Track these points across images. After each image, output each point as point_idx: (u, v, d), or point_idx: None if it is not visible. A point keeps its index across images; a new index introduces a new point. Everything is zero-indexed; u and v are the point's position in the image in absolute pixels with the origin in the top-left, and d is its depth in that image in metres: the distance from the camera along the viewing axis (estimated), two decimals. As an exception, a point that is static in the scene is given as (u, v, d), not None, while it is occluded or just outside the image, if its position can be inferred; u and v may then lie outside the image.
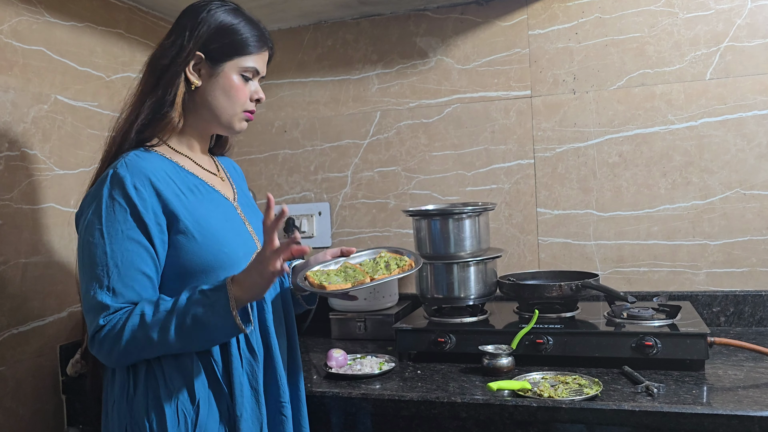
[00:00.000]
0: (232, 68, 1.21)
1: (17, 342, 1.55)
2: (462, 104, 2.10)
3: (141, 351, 1.08)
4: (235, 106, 1.23)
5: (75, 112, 1.74)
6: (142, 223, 1.10)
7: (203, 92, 1.22)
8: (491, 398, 1.36)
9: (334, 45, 2.23)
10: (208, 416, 1.12)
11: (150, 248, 1.11)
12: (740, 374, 1.43)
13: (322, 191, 2.27)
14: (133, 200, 1.10)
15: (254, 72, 1.24)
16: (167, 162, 1.20)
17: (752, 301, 1.83)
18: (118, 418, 1.14)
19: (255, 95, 1.25)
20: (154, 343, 1.07)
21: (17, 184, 1.56)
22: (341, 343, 1.89)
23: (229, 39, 1.21)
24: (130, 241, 1.09)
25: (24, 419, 1.56)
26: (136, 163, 1.14)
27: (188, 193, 1.18)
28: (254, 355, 1.18)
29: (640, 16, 1.92)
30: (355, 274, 1.26)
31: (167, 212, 1.13)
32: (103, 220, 1.09)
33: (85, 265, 1.10)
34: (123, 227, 1.09)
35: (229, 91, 1.22)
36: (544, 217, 2.03)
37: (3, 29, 1.54)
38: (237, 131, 1.27)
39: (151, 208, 1.11)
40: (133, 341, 1.07)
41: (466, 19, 2.09)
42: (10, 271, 1.53)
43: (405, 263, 1.29)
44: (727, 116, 1.86)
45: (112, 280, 1.08)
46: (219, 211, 1.22)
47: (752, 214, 1.85)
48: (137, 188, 1.11)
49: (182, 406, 1.11)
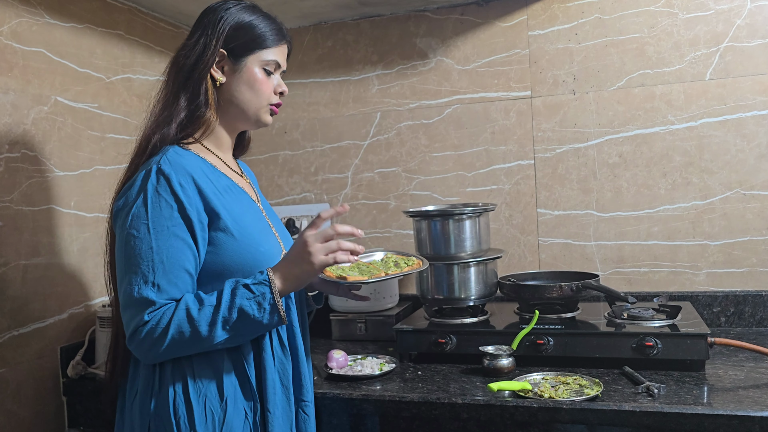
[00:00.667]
0: (253, 62, 1.24)
1: (18, 344, 1.55)
2: (462, 105, 2.10)
3: (185, 346, 1.09)
4: (261, 98, 1.25)
5: (75, 113, 1.74)
6: (187, 221, 1.11)
7: (228, 88, 1.24)
8: (492, 399, 1.36)
9: (334, 46, 2.23)
10: (234, 414, 1.13)
11: (193, 246, 1.12)
12: (741, 374, 1.43)
13: (323, 192, 2.27)
14: (179, 197, 1.11)
15: (275, 65, 1.26)
16: (202, 161, 1.21)
17: (752, 301, 1.83)
18: (140, 414, 1.14)
19: (279, 88, 1.27)
20: (202, 338, 1.08)
21: (17, 185, 1.56)
22: (342, 344, 1.89)
23: (248, 34, 1.24)
24: (175, 238, 1.10)
25: (25, 421, 1.56)
26: (177, 160, 1.14)
27: (224, 193, 1.20)
28: (285, 353, 1.20)
29: (640, 17, 1.92)
30: (370, 269, 1.27)
31: (209, 210, 1.14)
32: (149, 215, 1.09)
33: (128, 259, 1.10)
34: (169, 223, 1.10)
35: (254, 85, 1.24)
36: (544, 217, 2.03)
37: (3, 30, 1.54)
38: (265, 124, 1.29)
39: (194, 205, 1.12)
40: (179, 336, 1.07)
41: (466, 20, 2.09)
42: (11, 272, 1.53)
43: (413, 262, 1.31)
44: (726, 116, 1.86)
45: (157, 276, 1.08)
46: (250, 213, 1.23)
47: (752, 215, 1.85)
48: (182, 185, 1.12)
49: (210, 403, 1.12)
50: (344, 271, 1.27)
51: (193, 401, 1.10)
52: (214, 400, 1.12)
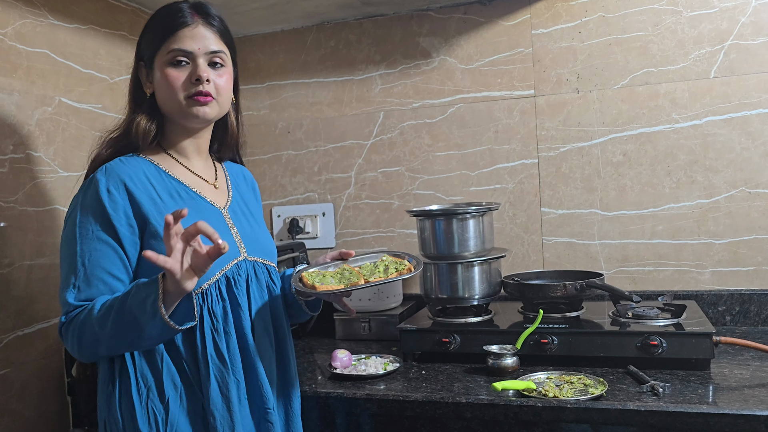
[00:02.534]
0: (160, 61, 1.20)
1: (22, 344, 1.55)
2: (465, 104, 2.10)
3: (93, 346, 1.11)
4: (175, 95, 1.18)
5: (79, 114, 1.74)
6: (110, 226, 1.12)
7: (156, 95, 1.23)
8: (496, 398, 1.36)
9: (337, 46, 2.23)
10: (179, 413, 1.13)
11: (119, 249, 1.13)
12: (746, 373, 1.43)
13: (326, 192, 2.27)
14: (103, 203, 1.13)
15: (183, 53, 1.18)
16: (152, 166, 1.22)
17: (758, 299, 1.83)
18: (100, 412, 1.18)
19: (193, 76, 1.18)
20: (100, 338, 1.08)
21: (22, 186, 1.56)
22: (345, 344, 1.89)
23: (150, 34, 1.23)
24: (98, 241, 1.12)
25: (29, 421, 1.57)
26: (115, 168, 1.17)
27: (166, 198, 1.19)
28: (224, 363, 1.16)
29: (644, 15, 1.92)
30: (350, 276, 1.26)
31: (138, 215, 1.15)
32: (78, 221, 1.13)
33: (61, 265, 1.16)
34: (93, 228, 1.13)
35: (163, 83, 1.19)
36: (548, 216, 2.03)
37: (7, 32, 1.55)
38: (194, 116, 1.20)
39: (122, 210, 1.14)
40: (85, 336, 1.09)
41: (469, 19, 2.09)
42: (15, 273, 1.54)
43: (404, 267, 1.29)
44: (731, 114, 1.85)
45: (78, 279, 1.12)
46: (199, 217, 1.17)
47: (757, 213, 1.84)
48: (110, 191, 1.14)
49: (152, 403, 1.12)
50: (324, 277, 1.25)
51: (135, 400, 1.12)
52: (155, 399, 1.13)
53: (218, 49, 1.21)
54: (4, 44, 1.54)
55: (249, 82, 2.32)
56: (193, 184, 1.25)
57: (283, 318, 1.33)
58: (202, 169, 1.31)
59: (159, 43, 1.20)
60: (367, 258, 1.35)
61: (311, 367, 1.69)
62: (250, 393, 1.20)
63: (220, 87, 1.22)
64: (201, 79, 1.18)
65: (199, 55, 1.19)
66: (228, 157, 1.40)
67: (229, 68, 1.25)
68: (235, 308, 1.20)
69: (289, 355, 1.33)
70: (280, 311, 1.32)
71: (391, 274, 1.26)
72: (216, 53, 1.21)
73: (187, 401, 1.14)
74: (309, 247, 2.23)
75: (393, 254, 1.35)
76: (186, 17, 1.19)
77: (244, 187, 1.41)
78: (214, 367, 1.15)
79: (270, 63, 2.31)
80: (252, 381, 1.21)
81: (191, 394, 1.15)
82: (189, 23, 1.19)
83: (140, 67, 1.25)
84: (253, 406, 1.20)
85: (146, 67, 1.23)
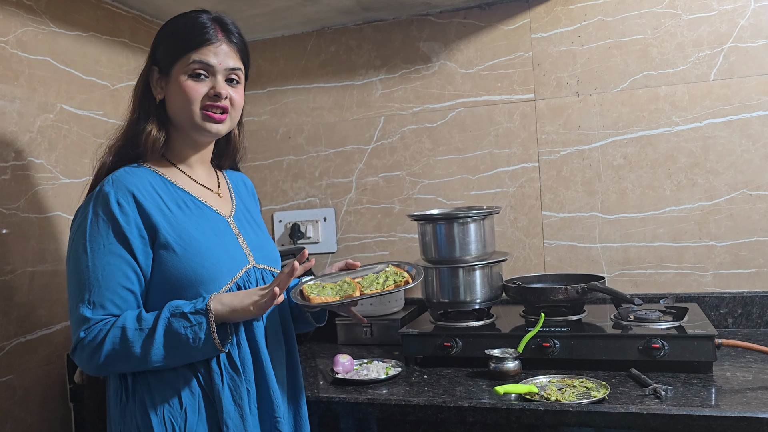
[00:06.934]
0: (179, 71, 1.20)
1: (25, 350, 1.56)
2: (466, 108, 2.11)
3: (120, 364, 1.10)
4: (190, 106, 1.19)
5: (80, 121, 1.75)
6: (124, 238, 1.12)
7: (168, 103, 1.23)
8: (498, 402, 1.36)
9: (338, 51, 2.24)
10: (197, 422, 1.13)
11: (132, 262, 1.13)
12: (748, 376, 1.42)
13: (327, 197, 2.27)
14: (115, 216, 1.12)
15: (204, 66, 1.19)
16: (157, 177, 1.22)
17: (760, 302, 1.82)
18: (113, 424, 1.17)
19: (212, 91, 1.19)
20: (136, 358, 1.09)
21: (24, 193, 1.57)
22: (348, 349, 1.89)
23: (170, 43, 1.22)
24: (112, 255, 1.12)
25: (32, 427, 1.57)
26: (122, 179, 1.16)
27: (174, 208, 1.19)
28: (237, 371, 1.17)
29: (643, 18, 1.92)
30: (347, 288, 1.26)
31: (149, 226, 1.15)
32: (87, 236, 1.12)
33: (71, 279, 1.14)
34: (105, 242, 1.12)
35: (180, 93, 1.19)
36: (549, 220, 2.03)
37: (8, 40, 1.55)
38: (206, 131, 1.22)
39: (134, 222, 1.13)
40: (113, 353, 1.09)
41: (468, 24, 2.09)
42: (18, 279, 1.54)
43: (402, 279, 1.29)
44: (731, 117, 1.85)
45: (93, 294, 1.10)
46: (208, 227, 1.21)
47: (759, 215, 1.84)
48: (120, 203, 1.13)
49: (169, 414, 1.12)
50: (324, 288, 1.26)
51: (151, 413, 1.12)
52: (173, 409, 1.13)
53: (236, 66, 1.24)
54: (5, 52, 1.55)
55: (250, 88, 2.31)
56: (198, 194, 1.26)
57: (290, 325, 1.34)
58: (205, 179, 1.31)
59: (180, 54, 1.19)
60: (372, 269, 1.35)
61: (313, 372, 1.69)
62: (261, 402, 1.21)
63: (235, 102, 1.24)
64: (220, 96, 1.20)
65: (219, 70, 1.21)
66: (228, 165, 1.41)
67: (242, 84, 1.27)
68: (234, 326, 1.19)
69: (297, 361, 1.34)
70: (288, 318, 1.33)
71: (389, 286, 1.27)
72: (234, 70, 1.23)
73: (206, 408, 1.15)
74: (311, 252, 2.23)
75: (396, 264, 1.35)
76: (210, 35, 1.20)
77: (246, 194, 1.41)
78: (227, 376, 1.16)
79: (271, 69, 2.32)
80: (263, 390, 1.21)
81: (207, 402, 1.15)
82: (213, 41, 1.20)
83: (153, 72, 1.24)
84: (264, 415, 1.20)
85: (161, 73, 1.23)
